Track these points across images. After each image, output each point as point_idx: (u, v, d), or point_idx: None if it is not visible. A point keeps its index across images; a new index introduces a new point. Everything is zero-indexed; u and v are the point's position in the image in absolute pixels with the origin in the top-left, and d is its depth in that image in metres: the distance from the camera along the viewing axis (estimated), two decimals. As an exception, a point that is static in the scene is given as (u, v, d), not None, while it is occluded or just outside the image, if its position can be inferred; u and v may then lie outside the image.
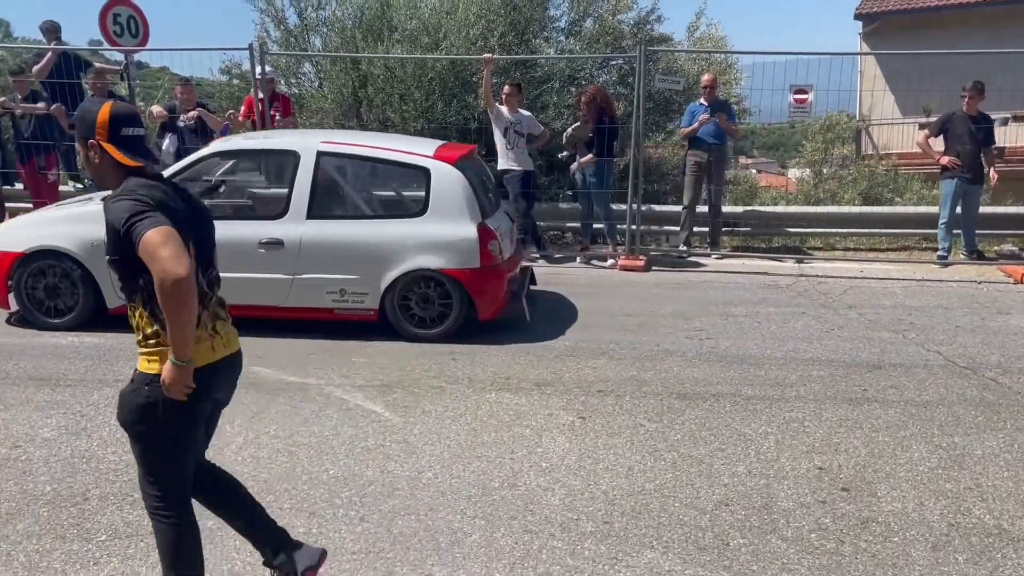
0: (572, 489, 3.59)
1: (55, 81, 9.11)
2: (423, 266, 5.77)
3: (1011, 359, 5.43)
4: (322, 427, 4.25)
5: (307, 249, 5.77)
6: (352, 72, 9.81)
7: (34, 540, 3.19)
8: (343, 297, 5.85)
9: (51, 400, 4.58)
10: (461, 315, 5.83)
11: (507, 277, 6.06)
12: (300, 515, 3.37)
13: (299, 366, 5.18)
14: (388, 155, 6.11)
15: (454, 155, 6.08)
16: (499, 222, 6.20)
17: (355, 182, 6.31)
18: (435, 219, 5.82)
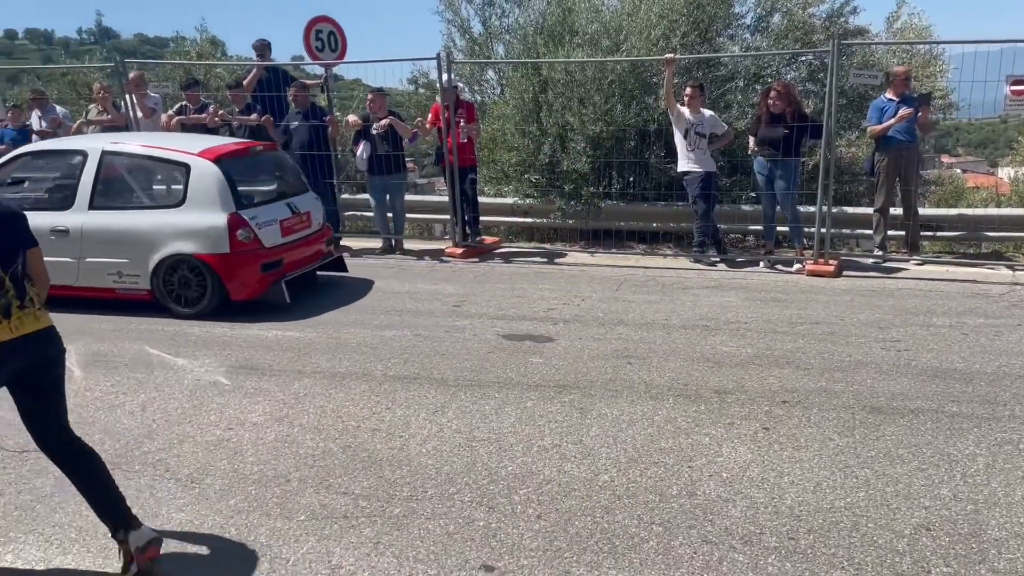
0: (754, 501, 3.46)
1: (264, 94, 9.93)
2: (180, 251, 6.55)
3: None
4: (500, 424, 4.35)
5: (88, 236, 6.70)
6: (533, 78, 9.97)
7: (243, 516, 3.49)
8: (121, 279, 6.76)
9: (258, 388, 4.99)
10: (215, 296, 6.60)
11: (261, 263, 6.68)
12: (479, 508, 3.47)
13: (478, 364, 5.33)
14: (158, 152, 6.93)
15: (216, 152, 6.80)
16: (266, 214, 6.88)
17: (132, 177, 7.02)
18: (191, 209, 6.59)
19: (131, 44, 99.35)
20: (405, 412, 4.56)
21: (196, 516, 3.50)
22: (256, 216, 6.76)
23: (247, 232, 6.58)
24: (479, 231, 9.75)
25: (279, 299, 6.83)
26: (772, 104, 8.01)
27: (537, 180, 10.16)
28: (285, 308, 6.77)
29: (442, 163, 9.32)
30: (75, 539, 3.35)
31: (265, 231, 6.77)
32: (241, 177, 6.98)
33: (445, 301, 7.06)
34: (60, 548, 3.29)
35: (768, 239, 8.74)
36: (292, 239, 7.13)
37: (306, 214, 7.43)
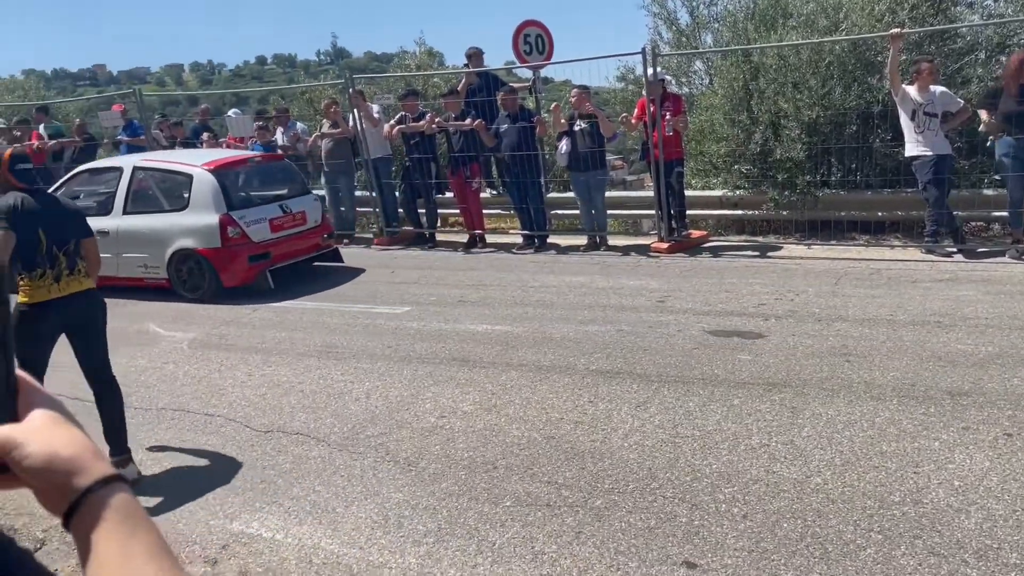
0: (991, 513, 3.13)
1: (476, 99, 10.37)
2: (186, 246, 8.08)
3: None
4: (705, 421, 4.25)
5: (122, 236, 8.34)
6: (743, 65, 9.60)
7: (454, 499, 3.68)
8: (147, 270, 8.38)
9: (469, 379, 5.24)
10: (212, 282, 8.05)
11: (248, 255, 8.03)
12: (682, 505, 3.42)
13: (682, 360, 5.24)
14: (171, 166, 8.61)
15: (215, 164, 8.27)
16: (256, 214, 8.25)
17: (154, 187, 8.62)
18: (193, 212, 8.08)
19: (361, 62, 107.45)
20: (608, 406, 4.58)
21: (412, 497, 3.74)
22: (245, 216, 8.12)
23: (236, 229, 7.99)
24: (686, 225, 9.55)
25: (264, 286, 8.16)
26: (1015, 76, 7.16)
27: (748, 171, 9.78)
28: (488, 305, 7.04)
29: (647, 158, 9.24)
30: (309, 511, 3.70)
31: (254, 228, 8.15)
32: (236, 184, 8.51)
33: (649, 296, 7.00)
34: (296, 519, 3.65)
35: (1015, 227, 7.81)
36: (281, 235, 8.47)
37: (300, 213, 8.74)
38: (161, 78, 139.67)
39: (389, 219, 10.89)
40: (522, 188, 9.87)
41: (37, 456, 0.68)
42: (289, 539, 3.49)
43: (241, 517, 3.71)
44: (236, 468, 4.20)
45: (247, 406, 5.06)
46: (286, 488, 3.93)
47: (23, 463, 0.67)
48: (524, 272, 8.51)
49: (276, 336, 6.61)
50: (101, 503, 0.68)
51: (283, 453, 4.33)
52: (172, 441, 4.63)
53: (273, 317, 7.24)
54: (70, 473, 0.68)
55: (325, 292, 8.12)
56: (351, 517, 3.60)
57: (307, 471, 4.09)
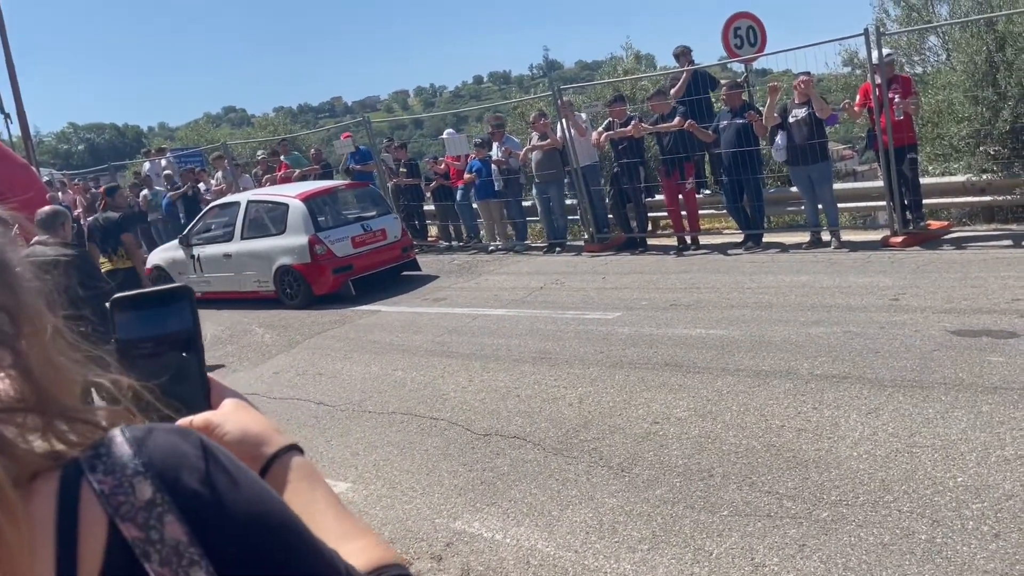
0: None
1: (688, 98, 10.17)
2: (284, 263, 9.76)
3: None
4: (948, 430, 3.86)
5: (241, 257, 10.25)
6: (986, 35, 8.64)
7: (668, 506, 3.62)
8: (260, 284, 10.09)
9: (683, 384, 5.13)
10: (305, 291, 9.70)
11: (333, 267, 9.59)
12: (922, 520, 3.13)
13: (920, 363, 4.79)
14: (272, 197, 10.61)
15: (307, 194, 10.08)
16: (339, 233, 9.86)
17: (263, 216, 10.42)
18: (288, 234, 9.81)
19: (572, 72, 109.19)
20: (834, 413, 4.30)
21: (626, 503, 3.73)
22: (330, 235, 9.72)
23: (322, 247, 9.54)
24: (923, 215, 8.75)
25: (348, 293, 9.67)
26: None
27: (996, 151, 8.79)
28: (701, 308, 6.86)
29: (875, 145, 8.57)
30: (526, 513, 3.81)
31: (337, 245, 9.68)
32: (323, 209, 10.18)
33: (881, 295, 6.48)
34: (515, 520, 3.77)
35: None
36: (363, 250, 9.95)
37: (380, 231, 10.22)
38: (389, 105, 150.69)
39: (599, 225, 10.95)
40: (737, 186, 9.53)
41: (234, 433, 0.83)
42: (508, 540, 3.61)
43: (463, 516, 3.89)
44: (458, 469, 4.41)
45: (468, 410, 5.29)
46: (504, 490, 4.07)
47: (224, 438, 0.82)
48: (740, 273, 8.21)
49: (494, 343, 6.87)
50: (286, 466, 0.83)
51: (501, 456, 4.48)
52: (401, 443, 4.95)
53: (491, 325, 7.54)
54: (259, 444, 0.84)
55: (540, 300, 8.32)
56: (566, 520, 3.65)
57: (524, 474, 4.21)
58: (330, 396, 6.11)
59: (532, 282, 9.33)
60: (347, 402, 5.90)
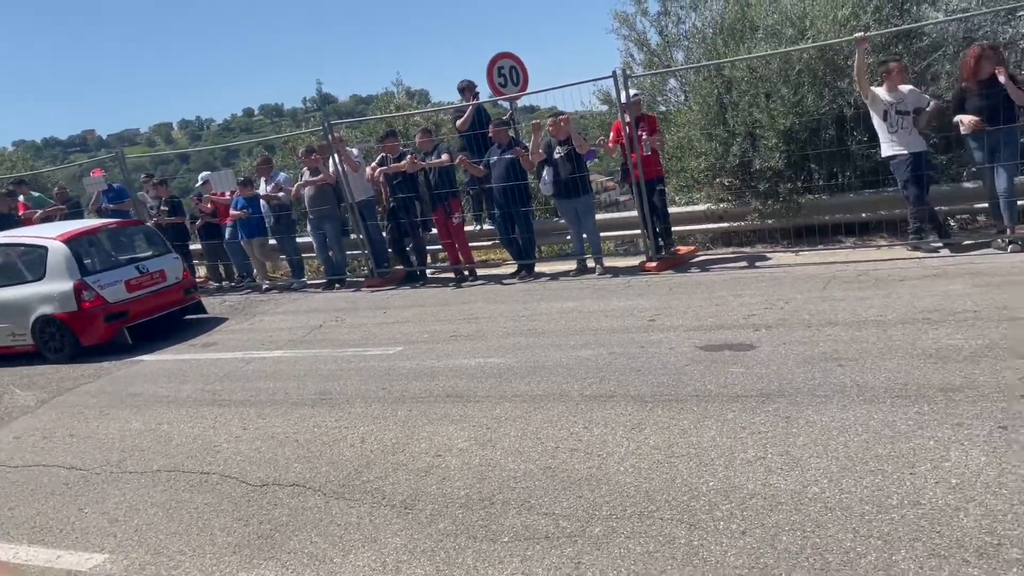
0: (991, 509, 3.10)
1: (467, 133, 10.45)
2: (45, 312, 8.85)
3: None
4: (701, 438, 4.23)
5: None
6: (715, 79, 9.69)
7: (451, 539, 3.65)
8: (15, 338, 9.07)
9: (464, 414, 5.21)
10: (71, 343, 8.83)
11: (104, 315, 8.78)
12: (681, 526, 3.39)
13: (674, 378, 5.22)
14: (27, 240, 9.45)
15: (69, 235, 9.10)
16: (110, 276, 9.03)
17: (16, 261, 9.28)
18: (50, 280, 8.87)
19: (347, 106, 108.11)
20: (602, 431, 4.56)
21: (410, 540, 3.70)
22: (99, 279, 8.90)
23: (91, 293, 8.76)
24: (673, 242, 9.59)
25: (123, 341, 8.93)
26: (975, 71, 7.23)
27: (730, 183, 9.84)
28: (480, 338, 7.04)
29: (628, 178, 9.29)
30: (306, 563, 3.66)
31: (109, 290, 8.90)
32: (90, 250, 9.26)
33: (640, 316, 7.00)
34: (294, 571, 3.61)
35: (997, 218, 7.83)
36: (139, 294, 9.24)
37: (158, 272, 9.54)
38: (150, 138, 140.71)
39: (379, 260, 10.91)
40: (510, 219, 9.90)
41: None
42: (288, 593, 3.45)
43: None
44: (232, 526, 4.16)
45: (242, 461, 5.02)
46: (283, 541, 3.89)
47: None
48: (515, 302, 8.51)
49: (270, 387, 6.59)
50: None
51: (279, 506, 4.29)
52: (168, 503, 4.59)
53: (267, 368, 7.23)
54: None
55: (319, 338, 8.11)
56: (349, 566, 3.56)
57: (304, 522, 4.06)
58: (84, 459, 5.54)
59: (311, 320, 9.09)
60: (104, 464, 5.38)
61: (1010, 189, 7.37)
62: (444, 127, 12.95)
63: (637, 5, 11.18)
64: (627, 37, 11.43)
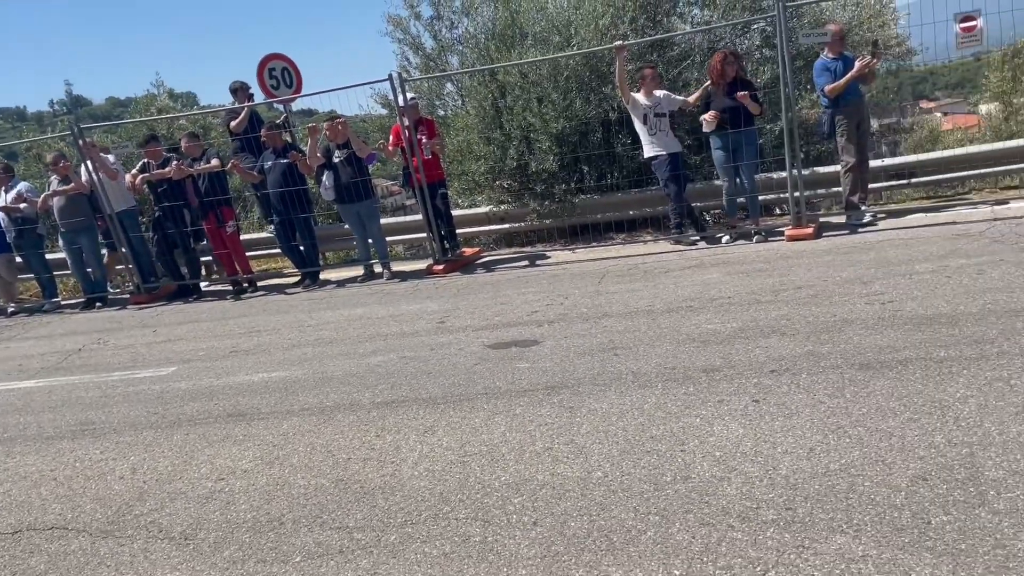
0: (749, 476, 3.41)
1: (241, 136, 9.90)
2: None
3: None
4: (491, 435, 4.30)
5: None
6: (490, 84, 9.96)
7: (238, 566, 3.43)
8: None
9: (248, 433, 4.94)
10: None
11: None
12: (475, 524, 3.42)
13: (465, 378, 5.29)
14: None
15: None
16: None
17: None
18: None
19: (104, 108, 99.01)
20: (395, 437, 4.51)
21: (191, 573, 3.44)
22: None
23: None
24: (458, 244, 9.73)
25: None
26: (721, 74, 7.99)
27: (509, 185, 10.15)
28: (263, 352, 6.74)
29: (410, 182, 9.30)
30: (72, 614, 3.29)
31: None
32: None
33: (429, 319, 7.03)
34: (58, 625, 3.23)
35: (733, 213, 8.70)
36: None
37: None
38: None
39: (145, 274, 10.11)
40: (290, 226, 9.55)
41: None
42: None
43: (-12, 639, 3.23)
44: (-22, 583, 3.65)
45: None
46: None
47: None
48: (300, 312, 8.23)
49: (21, 422, 5.88)
50: None
51: (36, 553, 3.83)
52: None
53: (16, 401, 6.44)
54: None
55: (79, 364, 7.36)
56: (123, 610, 3.25)
57: (67, 568, 3.65)
58: None
59: (68, 344, 8.23)
60: None
61: (752, 185, 8.20)
62: (214, 131, 12.27)
63: (410, 9, 11.22)
64: (402, 41, 11.46)
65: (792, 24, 9.06)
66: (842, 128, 8.15)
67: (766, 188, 8.98)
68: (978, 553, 2.65)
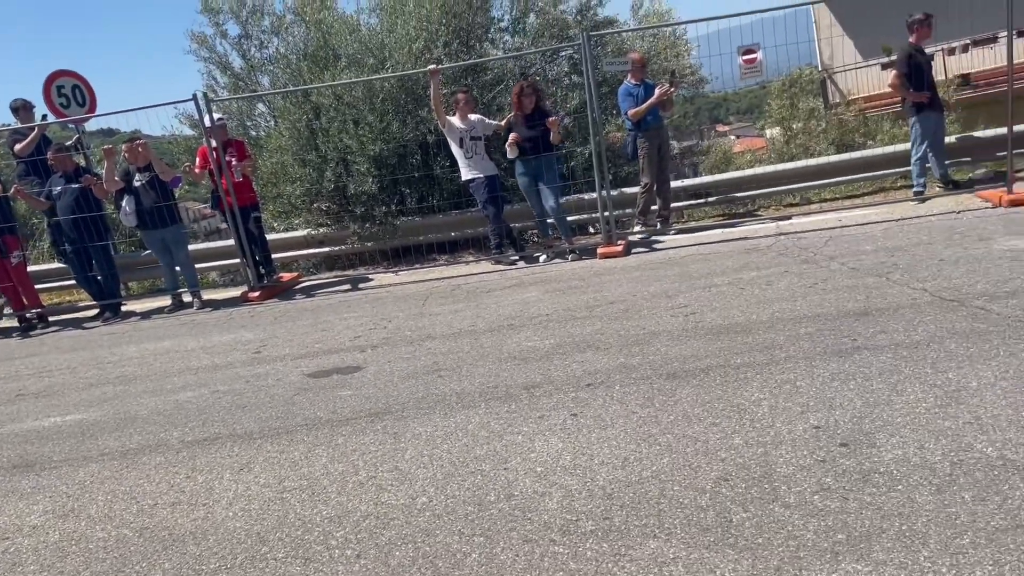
0: (569, 490, 3.51)
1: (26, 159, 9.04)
2: None
3: (997, 284, 5.36)
4: (312, 468, 4.16)
5: None
6: (304, 105, 9.73)
7: (27, 633, 3.10)
8: None
9: (37, 485, 4.49)
10: None
11: None
12: (295, 562, 3.28)
13: (283, 410, 5.09)
14: None
15: None
16: None
17: None
18: None
19: None
20: (208, 477, 4.25)
21: (-31, 650, 3.06)
22: None
23: None
24: (274, 269, 9.39)
25: None
26: (524, 103, 8.26)
27: (328, 207, 9.95)
28: (55, 394, 6.17)
29: (220, 206, 8.88)
30: None
31: None
32: None
33: (244, 349, 6.72)
34: None
35: (545, 234, 9.02)
36: None
37: None
38: None
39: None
40: (86, 254, 8.83)
41: None
42: None
43: None
44: None
45: None
46: None
47: None
48: (99, 348, 7.61)
49: None
50: None
51: None
52: None
53: None
54: None
55: None
56: None
57: None
58: None
59: None
60: None
61: (557, 207, 8.52)
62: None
63: (216, 28, 10.77)
64: (208, 59, 10.96)
65: (597, 52, 9.55)
66: (644, 150, 8.67)
67: (578, 209, 9.37)
68: (773, 546, 2.87)
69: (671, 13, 12.30)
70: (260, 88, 10.83)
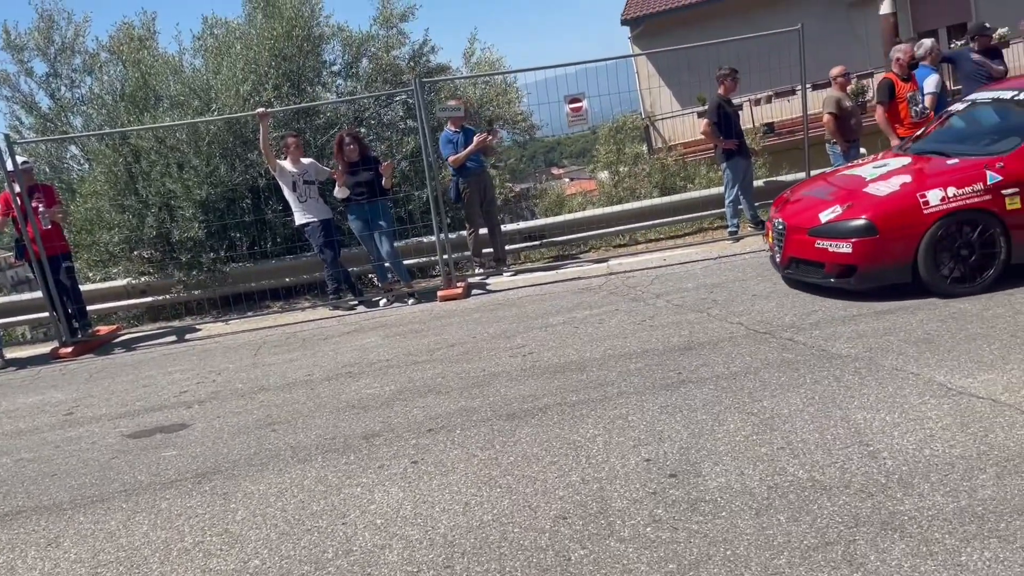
0: (410, 540, 3.44)
1: None
2: None
3: (802, 316, 5.84)
4: (131, 538, 3.85)
5: None
6: (122, 148, 9.18)
7: None
8: None
9: None
10: None
11: None
12: (112, 645, 3.01)
13: (99, 476, 4.70)
14: None
15: None
16: None
17: None
18: None
19: None
20: (9, 556, 3.83)
21: None
22: None
23: None
24: (89, 323, 8.72)
25: None
26: (348, 152, 8.19)
27: (150, 255, 9.39)
28: None
29: (26, 255, 8.17)
30: None
31: None
32: None
33: (54, 411, 6.16)
34: None
35: (384, 279, 8.97)
36: None
37: None
38: None
39: None
40: None
41: None
42: None
43: None
44: None
45: None
46: None
47: None
48: None
49: None
50: None
51: None
52: None
53: None
54: None
55: None
56: None
57: None
58: None
59: None
60: None
61: (392, 252, 8.49)
62: None
63: (20, 65, 10.01)
64: (11, 99, 10.14)
65: (431, 97, 9.66)
66: (466, 195, 8.82)
67: (417, 252, 9.37)
68: (610, 579, 2.94)
69: (502, 61, 12.72)
70: (72, 130, 10.12)
